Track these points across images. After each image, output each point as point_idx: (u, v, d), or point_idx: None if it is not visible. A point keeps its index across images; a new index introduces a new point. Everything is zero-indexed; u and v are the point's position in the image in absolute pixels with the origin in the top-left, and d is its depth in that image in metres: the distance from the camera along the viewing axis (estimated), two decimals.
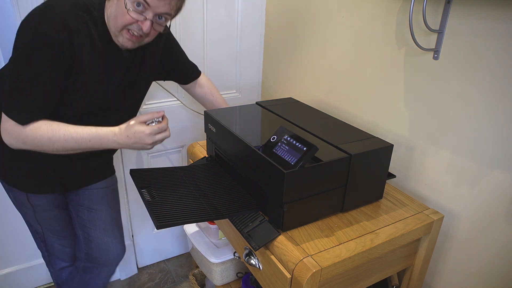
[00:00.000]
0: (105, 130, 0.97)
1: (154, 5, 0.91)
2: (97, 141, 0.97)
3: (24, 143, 0.94)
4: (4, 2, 1.25)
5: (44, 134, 0.93)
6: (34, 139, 0.93)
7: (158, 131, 0.98)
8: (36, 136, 0.92)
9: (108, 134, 0.97)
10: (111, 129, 0.98)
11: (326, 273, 0.83)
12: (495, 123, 0.95)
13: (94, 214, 1.24)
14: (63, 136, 0.94)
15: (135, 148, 0.99)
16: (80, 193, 1.22)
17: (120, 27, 0.94)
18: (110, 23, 0.96)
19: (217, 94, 1.40)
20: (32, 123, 0.92)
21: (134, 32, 0.95)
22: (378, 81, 1.25)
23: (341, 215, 1.01)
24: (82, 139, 0.95)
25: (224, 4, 1.65)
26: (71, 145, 0.95)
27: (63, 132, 0.94)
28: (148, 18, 0.92)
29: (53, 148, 0.95)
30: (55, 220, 1.22)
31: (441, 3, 1.01)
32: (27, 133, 0.92)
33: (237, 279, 1.51)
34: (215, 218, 0.96)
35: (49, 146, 0.94)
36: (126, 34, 0.95)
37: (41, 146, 0.94)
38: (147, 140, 0.97)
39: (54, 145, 0.94)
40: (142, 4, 0.90)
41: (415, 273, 1.09)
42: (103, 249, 1.26)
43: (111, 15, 0.95)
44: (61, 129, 0.94)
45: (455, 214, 1.08)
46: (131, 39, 0.96)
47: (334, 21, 1.38)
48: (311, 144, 0.87)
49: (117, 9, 0.92)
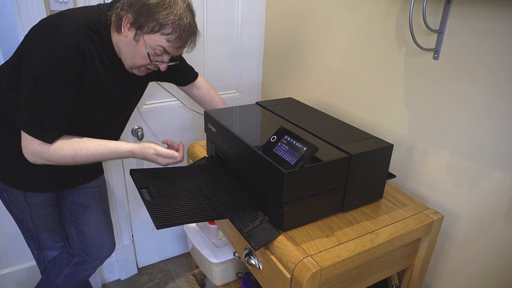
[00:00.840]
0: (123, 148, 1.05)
1: (173, 53, 1.01)
2: (115, 156, 1.05)
3: (48, 161, 0.99)
4: (4, 2, 1.25)
5: (67, 154, 0.99)
6: (58, 158, 0.99)
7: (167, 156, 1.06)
8: (60, 155, 0.99)
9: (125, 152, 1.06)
10: (128, 147, 1.06)
11: (326, 273, 0.83)
12: (495, 123, 0.95)
13: (89, 212, 1.28)
14: (85, 155, 1.01)
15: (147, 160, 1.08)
16: (74, 192, 1.26)
17: (138, 66, 1.03)
18: (126, 59, 1.02)
19: (215, 95, 1.41)
20: (56, 141, 0.98)
21: (151, 67, 1.04)
22: (378, 81, 1.25)
23: (341, 215, 1.01)
24: (102, 156, 1.03)
25: (224, 4, 1.65)
26: (91, 160, 1.03)
27: (85, 151, 1.01)
28: (165, 62, 1.03)
29: (74, 163, 1.02)
30: (49, 218, 1.25)
31: (441, 3, 1.01)
32: (50, 152, 0.97)
33: (237, 279, 1.51)
34: (215, 218, 0.96)
35: (72, 162, 1.01)
36: (144, 69, 1.05)
37: (64, 162, 1.01)
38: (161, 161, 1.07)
39: (78, 162, 1.02)
40: (163, 52, 0.99)
41: (415, 273, 1.09)
42: (98, 245, 1.31)
43: (127, 54, 1.00)
44: (83, 146, 1.01)
45: (455, 214, 1.08)
46: (146, 72, 1.07)
47: (334, 21, 1.38)
48: (311, 144, 0.87)
49: (135, 51, 0.99)
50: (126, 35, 0.97)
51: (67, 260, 1.30)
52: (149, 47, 0.97)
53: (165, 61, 1.02)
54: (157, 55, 1.00)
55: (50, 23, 0.93)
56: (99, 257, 1.32)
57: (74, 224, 1.27)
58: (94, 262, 1.32)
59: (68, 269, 1.30)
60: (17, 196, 1.15)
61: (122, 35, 0.98)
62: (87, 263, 1.31)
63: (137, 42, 0.97)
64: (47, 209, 1.22)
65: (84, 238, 1.28)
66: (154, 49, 0.98)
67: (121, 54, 1.02)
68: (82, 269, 1.31)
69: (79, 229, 1.28)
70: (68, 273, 1.30)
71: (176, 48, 1.00)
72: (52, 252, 1.32)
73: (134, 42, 0.97)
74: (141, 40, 0.96)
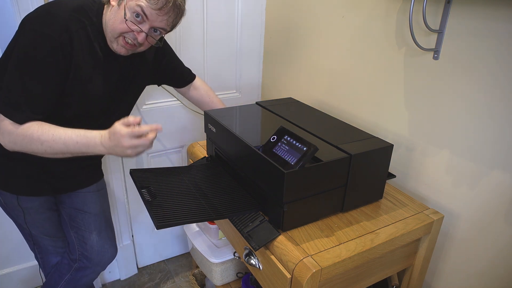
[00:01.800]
0: (93, 133, 0.96)
1: (152, 19, 0.96)
2: (84, 143, 0.95)
3: (15, 143, 0.93)
4: (4, 2, 1.25)
5: (34, 133, 0.92)
6: (24, 138, 0.92)
7: (136, 135, 0.92)
8: (26, 135, 0.92)
9: (96, 136, 0.95)
10: (98, 132, 0.96)
11: (326, 273, 0.83)
12: (495, 123, 0.95)
13: (88, 217, 1.25)
14: (51, 136, 0.93)
15: (116, 153, 0.94)
16: (73, 196, 1.23)
17: (116, 34, 0.98)
18: (107, 28, 0.99)
19: (214, 96, 1.41)
20: (27, 122, 0.92)
21: (129, 40, 0.99)
22: (378, 81, 1.25)
23: (341, 215, 1.01)
24: (70, 140, 0.94)
25: (224, 4, 1.65)
26: (59, 147, 0.94)
27: (52, 132, 0.93)
28: (143, 31, 0.97)
29: (41, 148, 0.94)
30: (48, 222, 1.22)
31: (441, 3, 1.01)
32: (18, 132, 0.92)
33: (237, 279, 1.51)
34: (215, 218, 0.96)
35: (38, 146, 0.93)
36: (122, 41, 0.99)
37: (30, 146, 0.93)
38: (124, 142, 0.91)
39: (43, 145, 0.93)
40: (141, 15, 0.95)
41: (415, 273, 1.09)
42: (98, 251, 1.28)
43: (109, 21, 0.98)
44: (51, 129, 0.93)
45: (455, 214, 1.08)
46: (125, 46, 1.00)
47: (334, 21, 1.38)
48: (311, 144, 0.87)
49: (116, 16, 0.96)
50: (113, 4, 0.97)
51: (68, 265, 1.28)
52: (128, 8, 0.94)
53: (143, 31, 0.96)
54: (136, 21, 0.95)
55: (41, 9, 0.93)
56: (99, 262, 1.29)
57: (74, 229, 1.25)
58: (95, 267, 1.29)
59: (69, 275, 1.28)
60: (11, 200, 1.13)
61: (110, 5, 0.98)
62: (88, 268, 1.28)
63: (119, 6, 0.96)
64: (45, 213, 1.20)
65: (84, 244, 1.26)
66: (134, 11, 0.94)
67: (106, 29, 0.99)
68: (83, 274, 1.29)
69: (79, 234, 1.25)
70: (69, 279, 1.28)
71: (154, 11, 0.94)
72: (55, 257, 1.30)
73: (117, 8, 0.96)
74: (122, 4, 0.95)
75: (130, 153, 0.93)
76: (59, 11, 0.92)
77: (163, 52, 1.25)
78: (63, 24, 0.91)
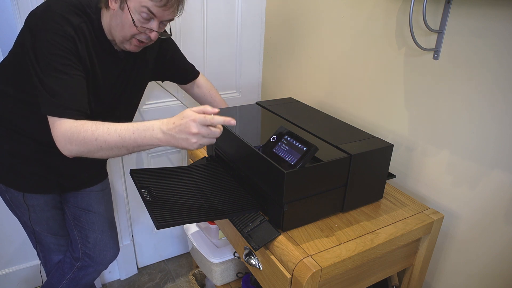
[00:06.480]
0: (150, 121, 0.89)
1: (159, 15, 0.97)
2: (141, 132, 0.87)
3: (71, 142, 0.90)
4: (4, 2, 1.25)
5: (88, 128, 0.89)
6: (79, 134, 0.89)
7: (209, 123, 0.83)
8: (81, 131, 0.89)
9: (154, 123, 0.88)
10: (157, 120, 0.89)
11: (326, 273, 0.83)
12: (495, 122, 0.95)
13: (92, 216, 1.27)
14: (106, 130, 0.89)
15: (176, 141, 0.85)
16: (78, 196, 1.24)
17: (128, 37, 1.00)
18: (115, 33, 1.00)
19: (216, 95, 1.41)
20: (80, 120, 0.92)
21: (143, 40, 1.01)
22: (378, 81, 1.25)
23: (341, 215, 1.01)
24: (125, 132, 0.88)
25: (224, 4, 1.65)
26: (113, 139, 0.89)
27: (107, 126, 0.89)
28: (155, 30, 0.99)
29: (96, 145, 0.89)
30: (52, 221, 1.23)
31: (441, 3, 1.01)
32: (73, 129, 0.90)
33: (237, 279, 1.51)
34: (215, 218, 0.96)
35: (93, 142, 0.89)
36: (135, 42, 1.01)
37: (86, 144, 0.90)
38: (193, 128, 0.82)
39: (97, 140, 0.89)
40: (149, 15, 0.96)
41: (415, 273, 1.09)
42: (101, 250, 1.29)
43: (116, 26, 0.99)
44: (105, 124, 0.90)
45: (455, 214, 1.08)
46: (139, 46, 1.03)
47: (334, 21, 1.38)
48: (311, 144, 0.87)
49: (123, 20, 0.97)
50: (113, 7, 0.97)
51: (70, 264, 1.29)
52: (134, 11, 0.95)
53: (154, 29, 0.98)
54: (145, 20, 0.97)
55: (43, 6, 0.95)
56: (102, 261, 1.31)
57: (78, 228, 1.26)
58: (98, 266, 1.30)
59: (71, 273, 1.29)
60: (17, 197, 1.14)
61: (110, 9, 0.98)
62: (90, 267, 1.29)
63: (123, 10, 0.96)
64: (50, 211, 1.21)
65: (87, 242, 1.27)
66: (140, 13, 0.95)
67: (111, 31, 1.01)
68: (85, 273, 1.30)
69: (82, 233, 1.26)
70: (71, 277, 1.29)
71: (161, 8, 0.95)
72: (57, 255, 1.31)
73: (121, 12, 0.96)
74: (125, 7, 0.95)
75: (194, 142, 0.84)
76: (57, 6, 0.94)
77: (166, 48, 1.25)
78: (65, 18, 0.93)
